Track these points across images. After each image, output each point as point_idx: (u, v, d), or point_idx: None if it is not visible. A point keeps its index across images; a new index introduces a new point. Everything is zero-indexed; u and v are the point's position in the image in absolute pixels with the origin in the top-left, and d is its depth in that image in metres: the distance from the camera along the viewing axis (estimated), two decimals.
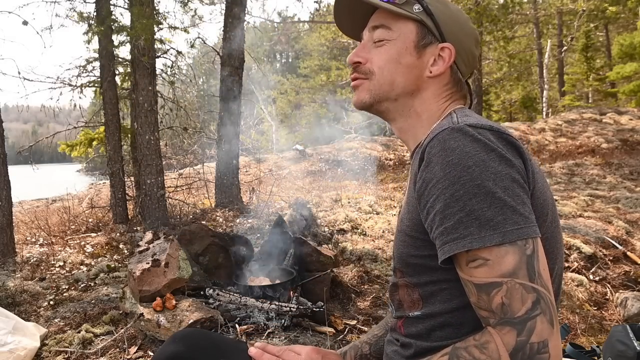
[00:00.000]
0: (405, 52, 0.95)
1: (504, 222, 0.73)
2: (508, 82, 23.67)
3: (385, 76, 0.96)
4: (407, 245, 0.90)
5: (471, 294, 0.78)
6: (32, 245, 4.45)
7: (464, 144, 0.78)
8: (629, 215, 4.77)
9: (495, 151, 0.77)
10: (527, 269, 0.73)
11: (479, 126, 0.81)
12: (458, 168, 0.76)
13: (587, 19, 18.15)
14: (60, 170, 29.30)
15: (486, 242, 0.73)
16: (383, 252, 3.96)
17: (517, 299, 0.72)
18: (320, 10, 17.64)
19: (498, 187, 0.74)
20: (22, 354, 2.23)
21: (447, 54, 0.96)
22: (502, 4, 12.82)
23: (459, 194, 0.75)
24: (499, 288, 0.73)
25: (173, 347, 1.04)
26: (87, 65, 5.54)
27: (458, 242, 0.75)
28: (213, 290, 2.77)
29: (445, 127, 0.82)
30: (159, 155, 5.31)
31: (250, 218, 5.37)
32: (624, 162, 8.45)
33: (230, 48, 5.93)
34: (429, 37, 0.95)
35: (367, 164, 10.62)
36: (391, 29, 0.95)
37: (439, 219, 0.78)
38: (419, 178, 0.83)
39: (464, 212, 0.75)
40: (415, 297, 0.93)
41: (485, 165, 0.76)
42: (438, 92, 0.98)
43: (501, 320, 0.73)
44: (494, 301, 0.74)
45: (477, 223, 0.74)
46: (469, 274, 0.77)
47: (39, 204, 8.63)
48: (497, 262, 0.73)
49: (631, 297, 3.01)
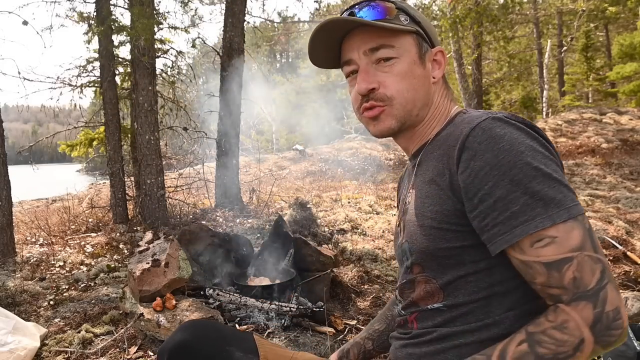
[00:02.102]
0: (414, 65, 0.95)
1: (564, 199, 0.77)
2: (508, 82, 23.68)
3: (407, 96, 0.95)
4: (435, 239, 0.89)
5: (538, 275, 0.78)
6: (32, 245, 4.45)
7: (510, 131, 0.80)
8: (629, 215, 4.77)
9: (537, 139, 0.81)
10: (590, 241, 0.77)
11: (513, 118, 0.84)
12: (512, 153, 0.78)
13: (587, 19, 18.14)
14: (60, 170, 29.29)
15: (555, 219, 0.76)
16: (383, 252, 3.96)
17: (587, 271, 0.75)
18: (320, 10, 17.63)
19: (550, 169, 0.78)
20: (22, 354, 2.23)
21: (441, 56, 0.99)
22: (502, 4, 12.80)
23: (518, 177, 0.77)
24: (570, 263, 0.75)
25: (181, 335, 1.05)
26: (87, 65, 5.54)
27: (528, 223, 0.77)
28: (213, 290, 2.76)
29: (484, 117, 0.83)
30: (159, 155, 5.31)
31: (250, 218, 5.36)
32: (624, 162, 8.45)
33: (230, 48, 5.93)
34: (425, 45, 0.97)
35: (367, 164, 10.61)
36: (394, 47, 0.94)
37: (502, 205, 0.78)
38: (464, 168, 0.83)
39: (528, 194, 0.77)
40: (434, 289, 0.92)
41: (535, 150, 0.79)
42: (441, 94, 1.01)
43: (575, 295, 0.75)
44: (565, 276, 0.76)
45: (542, 203, 0.76)
46: (536, 254, 0.78)
47: (39, 204, 8.63)
48: (565, 238, 0.76)
49: (631, 297, 3.00)
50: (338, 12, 6.79)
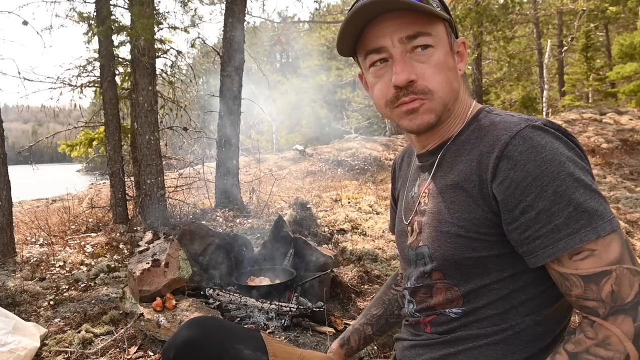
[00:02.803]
0: (448, 55, 0.89)
1: (604, 212, 0.76)
2: (508, 82, 23.68)
3: (446, 89, 0.88)
4: (461, 247, 0.86)
5: (575, 287, 0.77)
6: (32, 245, 4.45)
7: (550, 140, 0.78)
8: (629, 215, 4.77)
9: (574, 150, 0.80)
10: (629, 254, 0.76)
11: (550, 125, 0.82)
12: (554, 164, 0.76)
13: (587, 19, 18.15)
14: (60, 170, 29.29)
15: (600, 232, 0.74)
16: (383, 252, 3.96)
17: (626, 284, 0.74)
18: (320, 10, 17.63)
19: (589, 181, 0.77)
20: (22, 354, 2.23)
21: (463, 48, 0.95)
22: (502, 4, 12.81)
23: (562, 189, 0.75)
24: (608, 276, 0.74)
25: (188, 332, 1.03)
26: (87, 65, 5.54)
27: (573, 237, 0.75)
28: (213, 290, 2.76)
29: (524, 125, 0.81)
30: (159, 155, 5.31)
31: (250, 218, 5.37)
32: (624, 162, 8.45)
33: (230, 48, 5.93)
34: (453, 35, 0.92)
35: (367, 164, 10.61)
36: (431, 34, 0.86)
37: (545, 217, 0.76)
38: (503, 177, 0.79)
39: (572, 206, 0.75)
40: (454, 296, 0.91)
41: (575, 161, 0.78)
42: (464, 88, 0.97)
43: (612, 309, 0.74)
44: (603, 290, 0.74)
45: (586, 215, 0.75)
46: (574, 267, 0.76)
47: (39, 204, 8.63)
48: (604, 251, 0.75)
49: None
50: (338, 12, 6.86)
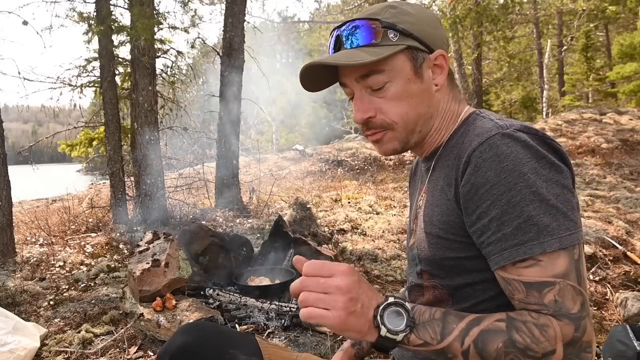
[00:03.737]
0: (410, 83, 0.90)
1: (558, 228, 0.75)
2: (508, 82, 23.69)
3: (408, 118, 0.91)
4: (442, 248, 0.89)
5: (517, 291, 0.78)
6: (32, 245, 4.45)
7: (516, 149, 0.78)
8: (629, 215, 4.77)
9: (546, 158, 0.78)
10: (576, 273, 0.76)
11: (526, 130, 0.81)
12: (514, 174, 0.77)
13: (587, 19, 18.15)
14: (60, 170, 29.29)
15: (546, 247, 0.75)
16: (383, 252, 3.96)
17: (569, 298, 0.75)
18: (320, 10, 17.63)
19: (551, 194, 0.76)
20: (22, 354, 2.23)
21: (442, 60, 0.93)
22: (502, 4, 12.81)
23: (515, 200, 0.76)
24: (552, 287, 0.75)
25: (182, 338, 1.03)
26: (87, 65, 5.54)
27: (518, 248, 0.76)
28: (213, 290, 2.76)
29: (495, 132, 0.81)
30: (159, 155, 5.31)
31: (250, 218, 5.36)
32: (624, 162, 8.45)
33: (230, 48, 5.93)
34: (420, 55, 0.91)
35: (367, 164, 10.61)
36: (384, 70, 0.88)
37: (495, 225, 0.78)
38: (465, 182, 0.82)
39: (522, 218, 0.76)
40: (444, 297, 0.93)
41: (538, 173, 0.77)
42: (447, 99, 0.96)
43: (557, 312, 0.75)
44: (546, 297, 0.76)
45: (535, 229, 0.75)
46: (517, 273, 0.78)
47: (39, 204, 8.63)
48: (549, 263, 0.75)
49: (631, 297, 3.00)
50: (338, 12, 6.85)
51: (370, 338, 0.76)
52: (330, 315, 0.72)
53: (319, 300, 0.73)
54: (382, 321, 0.75)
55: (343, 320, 0.73)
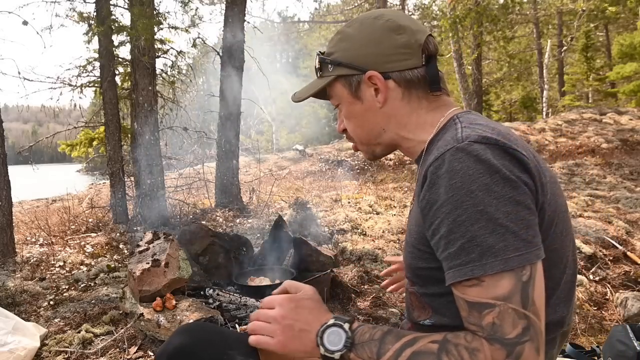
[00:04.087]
0: (352, 105, 1.00)
1: (505, 249, 0.73)
2: (508, 82, 23.68)
3: (359, 135, 1.03)
4: (415, 257, 0.90)
5: (462, 309, 0.79)
6: (32, 245, 4.45)
7: (467, 165, 0.76)
8: (629, 215, 4.77)
9: (500, 172, 0.76)
10: (521, 296, 0.74)
11: (483, 141, 0.79)
12: (461, 192, 0.75)
13: (587, 19, 18.15)
14: (60, 170, 29.29)
15: (487, 269, 0.73)
16: (383, 252, 3.96)
17: (508, 322, 0.73)
18: (320, 10, 17.63)
19: (500, 212, 0.74)
20: (22, 354, 2.23)
21: (375, 80, 0.94)
22: (502, 4, 12.81)
23: (461, 219, 0.75)
24: (491, 309, 0.74)
25: (179, 339, 1.03)
26: (87, 65, 5.54)
27: (460, 269, 0.76)
28: (213, 290, 2.76)
29: (450, 147, 0.80)
30: (159, 155, 5.31)
31: (250, 218, 5.37)
32: (624, 162, 8.45)
33: (230, 48, 5.93)
34: (354, 79, 0.97)
35: (367, 164, 10.61)
36: (333, 96, 1.02)
37: (443, 243, 0.79)
38: (422, 197, 0.83)
39: (466, 238, 0.75)
40: (425, 305, 0.94)
41: (489, 189, 0.74)
42: (409, 110, 0.97)
43: (491, 336, 0.74)
44: (485, 319, 0.74)
45: (478, 250, 0.74)
46: (462, 292, 0.77)
47: (39, 204, 8.63)
48: (491, 285, 0.74)
49: (631, 297, 3.01)
50: (338, 12, 6.84)
51: (317, 355, 0.85)
52: (272, 341, 0.87)
53: (262, 329, 0.89)
54: (322, 341, 0.84)
55: (283, 345, 0.87)
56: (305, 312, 0.90)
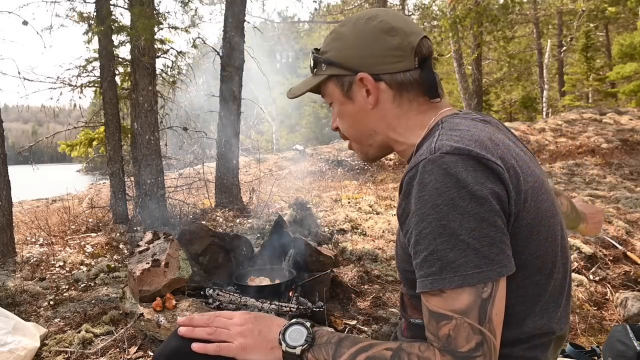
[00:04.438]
0: (343, 105, 1.00)
1: (465, 265, 0.74)
2: (508, 82, 23.68)
3: (351, 133, 1.03)
4: (403, 260, 0.92)
5: (424, 316, 0.81)
6: (32, 245, 4.45)
7: (436, 178, 0.76)
8: (629, 215, 4.77)
9: (467, 188, 0.75)
10: (478, 312, 0.74)
11: (455, 152, 0.77)
12: (427, 205, 0.76)
13: (587, 19, 18.16)
14: (60, 170, 29.29)
15: (446, 284, 0.75)
16: (383, 252, 3.96)
17: (463, 336, 0.74)
18: (320, 10, 17.64)
19: (463, 229, 0.74)
20: (22, 354, 2.23)
21: (366, 81, 0.94)
22: (502, 4, 12.81)
23: (425, 232, 0.76)
24: (448, 321, 0.75)
25: (176, 341, 1.02)
26: (87, 65, 5.54)
27: (422, 280, 0.78)
28: (213, 290, 2.76)
29: (423, 158, 0.80)
30: (159, 155, 5.31)
31: (250, 218, 5.37)
32: (624, 162, 8.44)
33: (230, 48, 5.93)
34: (346, 80, 0.97)
35: (367, 164, 10.61)
36: (326, 94, 1.03)
37: (413, 252, 0.81)
38: (398, 205, 0.85)
39: (428, 250, 0.77)
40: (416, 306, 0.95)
41: (454, 205, 0.74)
42: (399, 113, 0.96)
43: (444, 347, 0.76)
44: (441, 330, 0.76)
45: (439, 264, 0.75)
46: (426, 299, 0.80)
47: (39, 204, 8.63)
48: (451, 297, 0.75)
49: (631, 297, 3.01)
50: (338, 12, 6.86)
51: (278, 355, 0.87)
52: (232, 346, 0.90)
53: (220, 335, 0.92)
54: (284, 337, 0.88)
55: (243, 348, 0.89)
56: (264, 319, 0.94)
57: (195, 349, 0.91)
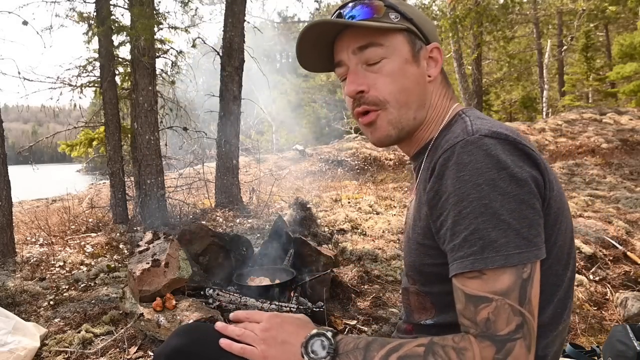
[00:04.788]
0: (406, 64, 0.91)
1: (506, 244, 0.73)
2: (508, 82, 23.68)
3: (400, 99, 0.91)
4: (420, 254, 0.89)
5: (459, 301, 0.78)
6: (32, 245, 4.45)
7: (476, 159, 0.76)
8: (629, 215, 4.77)
9: (507, 169, 0.75)
10: (519, 293, 0.74)
11: (494, 136, 0.78)
12: (468, 185, 0.75)
13: (587, 19, 18.14)
14: (60, 170, 29.29)
15: (488, 263, 0.73)
16: (383, 252, 3.96)
17: (503, 318, 0.73)
18: (320, 10, 17.63)
19: (505, 209, 0.74)
20: (22, 354, 2.23)
21: (437, 53, 0.95)
22: (502, 4, 12.81)
23: (466, 211, 0.75)
24: (487, 303, 0.74)
25: (177, 340, 1.02)
26: (87, 65, 5.54)
27: (462, 261, 0.76)
28: (213, 290, 2.76)
29: (460, 139, 0.80)
30: (159, 155, 5.31)
31: (250, 218, 5.37)
32: (624, 162, 8.44)
33: (230, 48, 5.93)
34: (419, 43, 0.93)
35: (367, 164, 10.61)
36: (383, 45, 0.90)
37: (449, 235, 0.78)
38: (429, 189, 0.82)
39: (469, 230, 0.75)
40: (427, 305, 0.93)
41: (495, 185, 0.74)
42: (438, 93, 0.97)
43: (482, 333, 0.74)
44: (480, 314, 0.74)
45: (481, 243, 0.74)
46: (462, 283, 0.77)
47: (39, 204, 8.62)
48: (492, 278, 0.74)
49: (631, 297, 3.01)
50: None
51: None
52: (255, 351, 0.90)
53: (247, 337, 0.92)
54: (306, 350, 0.86)
55: (265, 356, 0.88)
56: (289, 327, 0.92)
57: (222, 344, 0.93)
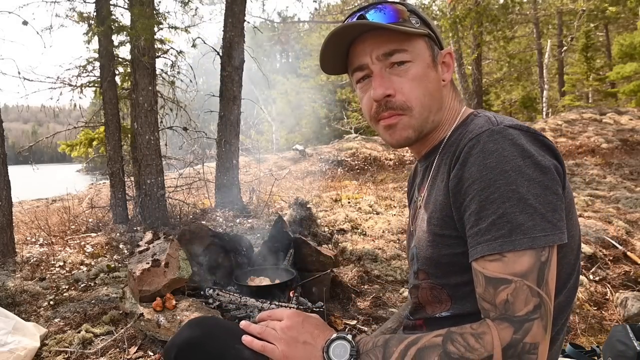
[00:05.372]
0: (428, 69, 0.95)
1: (533, 228, 0.76)
2: (508, 82, 23.68)
3: (424, 103, 0.94)
4: (438, 245, 0.91)
5: (478, 285, 0.80)
6: (32, 245, 4.45)
7: (502, 147, 0.80)
8: (629, 215, 4.77)
9: (532, 157, 0.79)
10: (537, 274, 0.76)
11: (517, 127, 0.83)
12: (495, 171, 0.78)
13: (587, 19, 18.14)
14: (60, 170, 29.29)
15: (516, 245, 0.76)
16: (383, 252, 3.96)
17: (521, 299, 0.75)
18: (320, 10, 17.65)
19: (530, 194, 0.77)
20: (22, 354, 2.23)
21: (449, 58, 0.99)
22: (502, 4, 12.81)
23: (493, 196, 0.78)
24: (507, 285, 0.76)
25: (189, 332, 1.03)
26: (87, 65, 5.54)
27: (490, 243, 0.78)
28: (213, 290, 2.76)
29: (486, 129, 0.83)
30: (159, 155, 5.31)
31: (250, 218, 5.36)
32: (624, 162, 8.44)
33: (230, 48, 5.93)
34: (436, 48, 0.97)
35: (367, 164, 10.61)
36: (407, 51, 0.93)
37: (473, 219, 0.80)
38: (453, 176, 0.85)
39: (497, 214, 0.77)
40: (443, 297, 0.94)
41: (521, 172, 0.78)
42: (451, 97, 1.01)
43: (501, 315, 0.76)
44: (499, 296, 0.76)
45: (508, 226, 0.76)
46: (482, 266, 0.79)
47: (39, 204, 8.62)
48: (512, 260, 0.76)
49: (631, 297, 3.01)
50: (338, 13, 6.85)
51: None
52: (276, 350, 0.91)
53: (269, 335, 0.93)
54: (328, 354, 0.87)
55: (286, 355, 0.89)
56: (310, 327, 0.93)
57: (244, 341, 0.95)
